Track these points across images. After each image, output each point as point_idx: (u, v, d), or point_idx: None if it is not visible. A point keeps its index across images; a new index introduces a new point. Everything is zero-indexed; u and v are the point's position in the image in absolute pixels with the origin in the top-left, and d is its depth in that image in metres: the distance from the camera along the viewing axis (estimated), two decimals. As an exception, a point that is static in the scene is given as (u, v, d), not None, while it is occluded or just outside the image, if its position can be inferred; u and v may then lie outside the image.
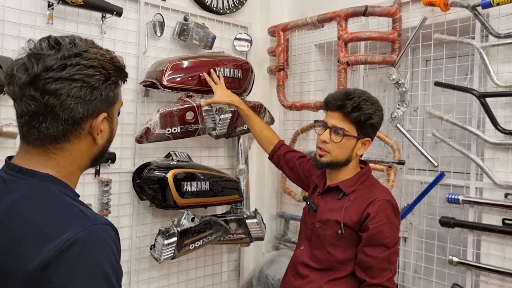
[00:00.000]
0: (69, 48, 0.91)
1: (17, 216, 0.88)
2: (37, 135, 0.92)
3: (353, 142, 1.70)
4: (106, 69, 0.95)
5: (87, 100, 0.92)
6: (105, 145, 1.03)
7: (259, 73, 2.85)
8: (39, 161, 0.94)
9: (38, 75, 0.88)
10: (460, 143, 2.09)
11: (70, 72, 0.89)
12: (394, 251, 1.62)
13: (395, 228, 1.65)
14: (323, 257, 1.72)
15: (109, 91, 0.97)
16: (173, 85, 2.25)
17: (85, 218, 0.88)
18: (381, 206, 1.63)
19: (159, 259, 2.25)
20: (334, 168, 1.76)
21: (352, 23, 2.41)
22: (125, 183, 2.35)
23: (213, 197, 2.46)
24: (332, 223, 1.69)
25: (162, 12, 2.40)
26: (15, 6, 1.97)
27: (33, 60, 0.89)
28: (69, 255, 0.82)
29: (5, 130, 1.85)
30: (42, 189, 0.91)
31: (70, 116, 0.91)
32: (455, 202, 2.03)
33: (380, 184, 1.78)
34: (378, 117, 1.70)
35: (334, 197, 1.75)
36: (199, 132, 2.36)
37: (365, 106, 1.66)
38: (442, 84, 2.09)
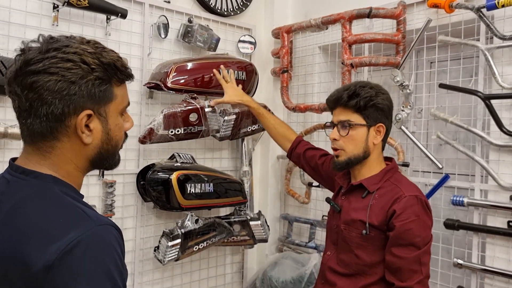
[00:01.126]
0: (50, 42, 0.91)
1: (20, 217, 0.88)
2: (27, 131, 0.93)
3: (363, 131, 1.62)
4: (87, 63, 0.91)
5: (64, 95, 0.89)
6: (101, 146, 0.98)
7: (263, 75, 2.85)
8: (37, 160, 0.94)
9: (19, 70, 0.89)
10: (464, 145, 2.08)
11: (45, 65, 0.88)
12: (425, 251, 1.50)
13: (426, 226, 1.53)
14: (350, 261, 1.62)
15: (92, 87, 0.92)
16: (177, 86, 2.26)
17: (88, 220, 0.88)
18: (408, 202, 1.52)
19: (163, 260, 2.25)
20: (354, 166, 1.67)
21: (356, 25, 2.41)
22: (129, 184, 2.35)
23: (217, 199, 2.45)
24: (357, 223, 1.59)
25: (167, 14, 2.41)
26: (21, 8, 1.98)
27: (18, 56, 0.91)
28: (73, 256, 0.82)
29: (10, 132, 1.86)
30: (45, 190, 0.91)
31: (49, 112, 0.89)
32: (460, 204, 2.02)
33: (408, 180, 1.67)
34: (382, 99, 1.62)
35: (358, 196, 1.65)
36: (202, 134, 2.36)
37: (362, 91, 1.61)
38: (447, 86, 2.09)
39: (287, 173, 2.86)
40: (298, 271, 2.43)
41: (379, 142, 1.66)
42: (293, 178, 2.87)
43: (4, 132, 1.84)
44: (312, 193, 2.73)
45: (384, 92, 1.65)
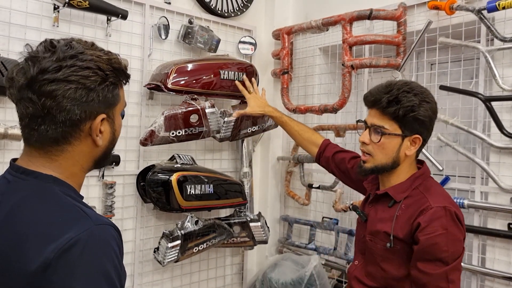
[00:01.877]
0: (65, 50, 0.92)
1: (20, 216, 0.89)
2: (37, 137, 0.93)
3: (397, 141, 1.49)
4: (103, 70, 0.94)
5: (83, 102, 0.92)
6: (107, 146, 1.02)
7: (263, 76, 2.85)
8: (42, 163, 0.95)
9: (35, 78, 0.89)
10: (465, 147, 2.08)
11: (65, 73, 0.90)
12: (454, 267, 1.38)
13: (455, 240, 1.40)
14: (377, 274, 1.53)
15: (107, 92, 0.96)
16: (178, 88, 2.26)
17: (87, 219, 0.88)
18: (435, 215, 1.40)
19: (162, 262, 2.24)
20: (381, 173, 1.57)
21: (357, 27, 2.41)
22: (129, 185, 2.35)
23: (217, 200, 2.45)
24: (382, 235, 1.50)
25: (167, 15, 2.41)
26: (21, 9, 1.98)
27: (30, 63, 0.91)
28: (70, 255, 0.82)
29: (10, 132, 1.85)
30: (45, 190, 0.92)
31: (67, 118, 0.91)
32: (460, 206, 2.01)
33: (438, 188, 1.54)
34: (424, 109, 1.46)
35: (385, 205, 1.54)
36: (203, 135, 2.36)
37: (405, 99, 1.45)
38: (447, 87, 2.09)
39: (287, 175, 2.86)
40: (298, 273, 2.43)
41: (413, 153, 1.53)
42: (293, 180, 2.87)
43: (4, 133, 1.84)
44: (312, 194, 2.73)
45: (429, 101, 1.49)
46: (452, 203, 1.48)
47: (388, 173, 1.56)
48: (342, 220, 2.56)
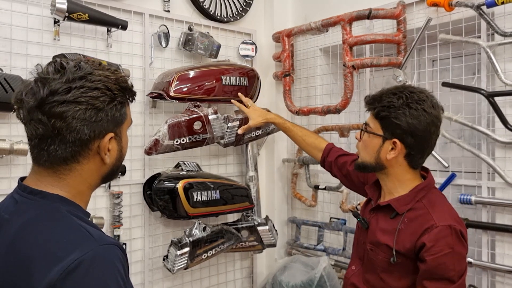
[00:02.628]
0: (74, 71, 0.93)
1: (27, 238, 0.90)
2: (47, 157, 0.95)
3: (377, 142, 1.48)
4: (111, 90, 0.96)
5: (92, 122, 0.94)
6: (114, 163, 1.04)
7: (265, 80, 2.85)
8: (50, 182, 0.97)
9: (44, 99, 0.90)
10: (470, 143, 2.07)
11: (75, 95, 0.91)
12: (460, 284, 1.37)
13: (460, 258, 1.39)
14: (376, 283, 1.52)
15: (115, 111, 0.98)
16: (180, 95, 2.26)
17: (91, 240, 0.89)
18: (440, 234, 1.37)
19: (172, 269, 2.25)
20: (376, 173, 1.56)
21: (356, 26, 2.40)
22: (135, 194, 2.36)
23: (223, 206, 2.46)
24: (384, 247, 1.48)
25: (167, 23, 2.42)
26: (22, 24, 2.00)
27: (39, 84, 0.92)
28: (75, 277, 0.83)
29: (15, 148, 1.87)
30: (51, 210, 0.93)
31: (76, 138, 0.93)
32: (468, 202, 2.01)
33: (443, 203, 1.50)
34: (403, 114, 1.41)
35: (387, 216, 1.51)
36: (207, 142, 2.37)
37: (386, 99, 1.46)
38: (450, 84, 2.08)
39: (293, 177, 2.86)
40: (308, 275, 2.43)
41: (400, 160, 1.48)
42: (299, 181, 2.87)
43: (10, 148, 1.85)
44: (318, 195, 2.72)
45: (413, 107, 1.42)
46: (457, 219, 1.45)
47: (386, 177, 1.54)
48: (350, 220, 2.56)
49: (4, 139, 1.87)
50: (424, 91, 1.50)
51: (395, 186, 1.53)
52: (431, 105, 1.45)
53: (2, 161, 1.92)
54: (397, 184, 1.52)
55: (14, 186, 1.94)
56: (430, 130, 1.45)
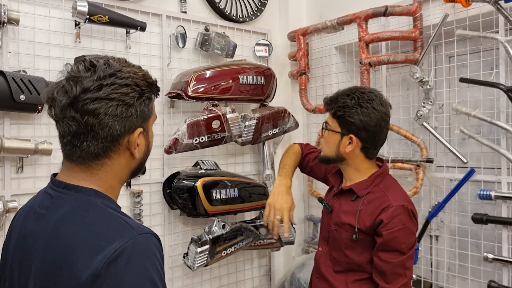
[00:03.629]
0: (104, 69, 0.96)
1: (66, 230, 0.93)
2: (79, 153, 0.97)
3: (336, 138, 1.67)
4: (139, 86, 0.99)
5: (123, 117, 0.97)
6: (142, 158, 1.07)
7: (280, 78, 2.87)
8: (83, 177, 1.00)
9: (77, 97, 0.93)
10: (489, 138, 2.07)
11: (106, 91, 0.94)
12: (409, 256, 1.58)
13: (411, 233, 1.59)
14: (341, 259, 1.70)
15: (144, 106, 1.01)
16: (198, 95, 2.29)
17: (130, 229, 0.93)
18: (395, 212, 1.57)
19: (192, 267, 2.28)
20: (337, 164, 1.75)
21: (372, 24, 2.41)
22: (155, 193, 2.39)
23: (241, 204, 2.48)
24: (347, 226, 1.66)
25: (184, 24, 2.45)
26: (44, 27, 2.04)
27: (71, 83, 0.94)
28: (118, 265, 0.86)
29: (40, 148, 1.91)
30: (87, 203, 0.96)
31: (108, 134, 0.96)
32: (487, 198, 2.01)
33: (396, 187, 1.70)
34: (356, 112, 1.60)
35: (348, 199, 1.71)
36: (225, 140, 2.39)
37: (341, 100, 1.64)
38: (467, 80, 2.08)
39: (310, 175, 2.87)
40: (326, 272, 2.43)
41: (357, 152, 1.67)
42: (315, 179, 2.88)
43: (35, 148, 1.89)
44: (335, 193, 2.73)
45: (365, 106, 1.60)
46: (409, 201, 1.64)
47: (346, 167, 1.73)
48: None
49: (29, 139, 1.92)
50: (373, 91, 1.69)
51: (355, 174, 1.72)
52: (380, 103, 1.64)
53: (27, 161, 1.97)
54: (356, 173, 1.72)
55: (39, 186, 1.99)
56: (380, 125, 1.64)
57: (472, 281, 2.14)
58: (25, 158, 1.95)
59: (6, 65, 1.91)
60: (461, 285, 2.22)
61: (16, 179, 1.96)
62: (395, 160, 2.30)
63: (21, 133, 1.97)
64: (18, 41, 1.97)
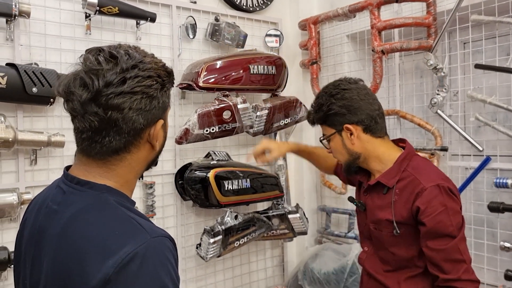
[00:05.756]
0: (126, 60, 0.92)
1: (78, 229, 0.89)
2: (99, 148, 0.93)
3: (338, 139, 1.59)
4: (161, 77, 0.96)
5: (147, 110, 0.93)
6: (160, 149, 1.04)
7: (291, 68, 2.85)
8: (98, 173, 0.96)
9: (100, 91, 0.88)
10: (505, 126, 2.03)
11: (130, 85, 0.90)
12: (461, 237, 1.42)
13: (455, 212, 1.44)
14: (388, 258, 1.57)
15: (165, 97, 0.98)
16: (209, 85, 2.28)
17: (143, 232, 0.88)
18: (430, 194, 1.43)
19: (205, 257, 2.28)
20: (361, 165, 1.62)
21: (385, 11, 2.37)
22: (167, 184, 2.40)
23: (254, 194, 2.48)
24: (385, 222, 1.54)
25: (194, 14, 2.44)
26: (55, 20, 2.05)
27: (92, 76, 0.89)
28: (129, 270, 0.82)
29: (53, 140, 1.92)
30: (100, 201, 0.93)
31: (132, 128, 0.92)
32: (504, 186, 1.97)
33: (427, 166, 1.55)
34: (331, 104, 1.55)
35: (380, 193, 1.57)
36: (237, 131, 2.39)
37: (315, 106, 1.62)
38: (483, 66, 2.04)
39: (322, 165, 2.85)
40: (340, 262, 2.43)
41: (364, 137, 1.56)
42: (328, 169, 2.86)
43: (48, 140, 1.91)
44: (348, 183, 2.71)
45: (334, 93, 1.56)
46: (443, 178, 1.50)
47: (369, 163, 1.60)
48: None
49: (42, 131, 1.93)
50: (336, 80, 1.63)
51: (378, 165, 1.59)
52: (348, 82, 1.59)
53: (40, 153, 1.98)
54: (379, 162, 1.59)
55: (53, 178, 2.00)
56: (360, 97, 1.55)
57: (488, 271, 2.11)
58: (39, 150, 1.96)
59: (18, 58, 1.92)
60: (477, 274, 2.17)
61: (30, 171, 1.98)
62: (409, 149, 2.27)
63: (34, 125, 1.98)
64: (29, 34, 1.98)
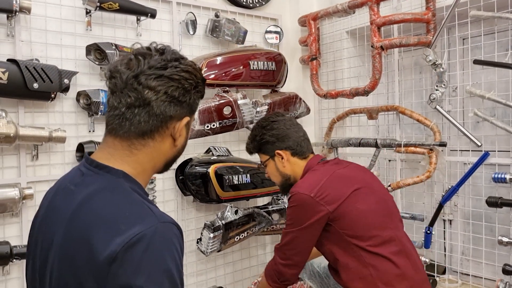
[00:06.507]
0: (171, 53, 1.02)
1: (90, 208, 0.93)
2: (128, 127, 0.99)
3: (272, 164, 1.88)
4: (197, 77, 1.04)
5: (179, 101, 1.01)
6: (179, 150, 1.09)
7: (291, 64, 2.86)
8: (120, 156, 1.01)
9: (143, 71, 0.97)
10: (503, 121, 2.04)
11: (170, 71, 0.99)
12: None
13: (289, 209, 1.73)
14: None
15: (196, 98, 1.06)
16: (209, 81, 2.29)
17: (152, 216, 0.92)
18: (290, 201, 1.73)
19: (206, 252, 2.30)
20: (288, 189, 1.85)
21: (384, 7, 2.38)
22: (168, 180, 2.41)
23: (254, 189, 2.49)
24: None
25: (194, 11, 2.44)
26: (56, 16, 2.05)
27: (140, 57, 0.99)
28: (135, 250, 0.86)
29: (54, 135, 1.93)
30: (115, 184, 0.97)
31: (162, 112, 0.99)
32: (502, 181, 1.98)
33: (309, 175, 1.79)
34: (263, 134, 1.85)
35: None
36: (237, 126, 2.40)
37: (251, 137, 1.93)
38: (482, 61, 2.05)
39: (322, 160, 2.87)
40: (339, 257, 2.44)
41: (293, 160, 1.85)
42: (328, 165, 2.87)
43: (49, 136, 1.92)
44: (348, 178, 2.72)
45: (264, 125, 1.87)
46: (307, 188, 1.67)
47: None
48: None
49: (43, 127, 1.94)
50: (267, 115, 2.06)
51: None
52: (276, 115, 1.91)
53: (41, 148, 2.00)
54: None
55: (54, 173, 2.01)
56: (286, 126, 1.86)
57: (486, 265, 2.13)
58: (40, 145, 1.97)
59: (19, 53, 1.93)
60: (475, 269, 2.22)
61: (32, 166, 1.99)
62: (408, 144, 2.28)
63: (35, 121, 1.99)
64: (30, 30, 1.99)
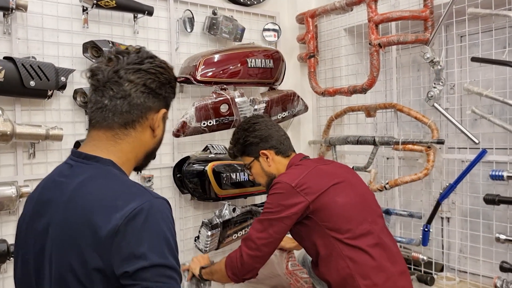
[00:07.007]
0: (147, 52, 1.15)
1: (85, 193, 1.02)
2: (112, 117, 1.09)
3: (257, 165, 1.93)
4: (170, 74, 1.16)
5: (156, 93, 1.12)
6: (158, 141, 1.20)
7: (289, 62, 2.85)
8: (106, 147, 1.10)
9: (123, 67, 1.09)
10: (501, 118, 2.04)
11: (147, 66, 1.11)
12: None
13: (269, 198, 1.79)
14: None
15: (170, 92, 1.17)
16: (207, 79, 2.29)
17: (146, 193, 1.03)
18: None
19: (203, 250, 2.30)
20: None
21: (382, 4, 2.37)
22: (166, 178, 2.41)
23: (251, 187, 2.49)
24: None
25: (191, 8, 2.43)
26: (52, 13, 2.05)
27: (119, 56, 1.11)
28: (135, 222, 0.95)
29: (51, 133, 1.93)
30: (106, 171, 1.07)
31: (142, 103, 1.10)
32: (499, 178, 1.98)
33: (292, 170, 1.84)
34: (246, 136, 1.91)
35: None
36: (234, 124, 2.39)
37: (233, 142, 1.98)
38: (479, 59, 2.05)
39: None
40: (337, 254, 2.44)
41: (277, 159, 1.91)
42: (326, 163, 2.87)
43: (46, 134, 1.91)
44: (346, 176, 2.72)
45: (246, 127, 1.93)
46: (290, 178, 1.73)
47: None
48: (378, 200, 2.55)
49: (40, 125, 1.93)
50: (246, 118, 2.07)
51: None
52: (256, 117, 2.00)
53: (38, 146, 1.99)
54: None
55: (51, 171, 2.01)
56: (268, 127, 1.92)
57: (484, 262, 2.13)
58: (37, 143, 1.97)
59: (15, 51, 1.92)
60: (472, 266, 2.22)
61: (29, 164, 1.98)
62: (406, 142, 2.28)
63: (32, 119, 1.98)
64: (27, 28, 1.98)
